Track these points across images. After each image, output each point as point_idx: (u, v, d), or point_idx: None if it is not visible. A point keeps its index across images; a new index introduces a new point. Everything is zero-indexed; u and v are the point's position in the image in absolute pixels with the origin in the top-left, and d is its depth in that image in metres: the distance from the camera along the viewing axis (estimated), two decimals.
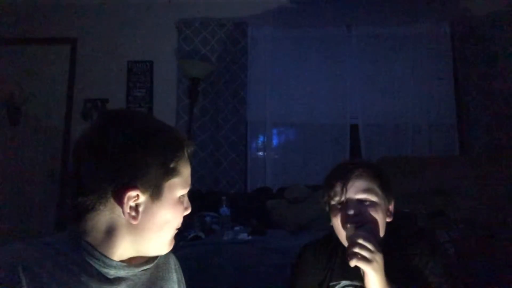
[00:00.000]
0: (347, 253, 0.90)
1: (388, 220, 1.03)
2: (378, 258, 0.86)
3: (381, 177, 1.02)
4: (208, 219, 2.55)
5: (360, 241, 0.87)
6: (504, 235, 1.87)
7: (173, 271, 0.84)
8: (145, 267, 0.74)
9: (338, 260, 1.04)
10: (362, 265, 0.87)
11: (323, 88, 3.52)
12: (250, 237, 2.24)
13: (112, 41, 3.63)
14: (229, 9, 3.61)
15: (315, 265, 1.06)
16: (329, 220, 1.07)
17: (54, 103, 3.56)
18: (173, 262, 0.86)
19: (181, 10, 3.62)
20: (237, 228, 2.43)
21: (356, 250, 0.87)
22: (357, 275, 0.98)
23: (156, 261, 0.78)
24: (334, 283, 1.02)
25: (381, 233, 0.99)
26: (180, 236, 0.71)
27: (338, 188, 1.00)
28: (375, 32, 3.54)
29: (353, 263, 0.87)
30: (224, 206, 2.53)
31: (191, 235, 2.15)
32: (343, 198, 0.99)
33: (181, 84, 3.51)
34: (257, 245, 2.13)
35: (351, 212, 0.96)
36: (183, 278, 0.88)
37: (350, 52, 3.55)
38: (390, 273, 0.92)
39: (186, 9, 3.62)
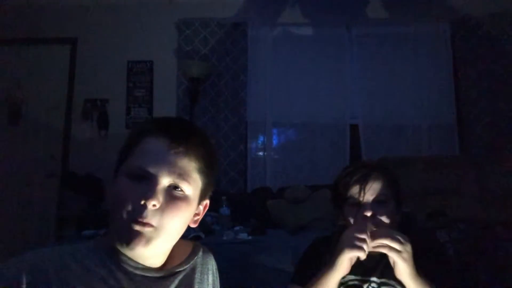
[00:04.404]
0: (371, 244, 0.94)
1: (396, 221, 1.04)
2: (408, 248, 0.90)
3: (394, 181, 1.07)
4: (208, 219, 2.55)
5: (393, 234, 0.91)
6: (504, 235, 1.87)
7: (210, 272, 0.83)
8: (178, 269, 0.73)
9: None
10: (394, 256, 0.91)
11: (323, 88, 3.52)
12: (250, 237, 2.24)
13: (112, 41, 3.63)
14: (229, 9, 3.61)
15: (322, 258, 1.08)
16: (331, 219, 1.08)
17: (54, 103, 3.56)
18: (212, 263, 0.85)
19: (181, 10, 3.62)
20: (237, 228, 2.43)
21: (387, 242, 0.90)
22: (361, 270, 1.01)
23: (191, 263, 0.77)
24: None
25: None
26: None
27: (355, 190, 1.02)
28: (375, 32, 3.54)
29: (384, 250, 0.92)
30: (224, 206, 2.53)
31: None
32: (360, 200, 1.01)
33: (181, 84, 3.51)
34: (257, 245, 2.13)
35: (369, 213, 0.99)
36: (218, 282, 0.86)
37: (350, 52, 3.55)
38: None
39: (186, 9, 3.62)
